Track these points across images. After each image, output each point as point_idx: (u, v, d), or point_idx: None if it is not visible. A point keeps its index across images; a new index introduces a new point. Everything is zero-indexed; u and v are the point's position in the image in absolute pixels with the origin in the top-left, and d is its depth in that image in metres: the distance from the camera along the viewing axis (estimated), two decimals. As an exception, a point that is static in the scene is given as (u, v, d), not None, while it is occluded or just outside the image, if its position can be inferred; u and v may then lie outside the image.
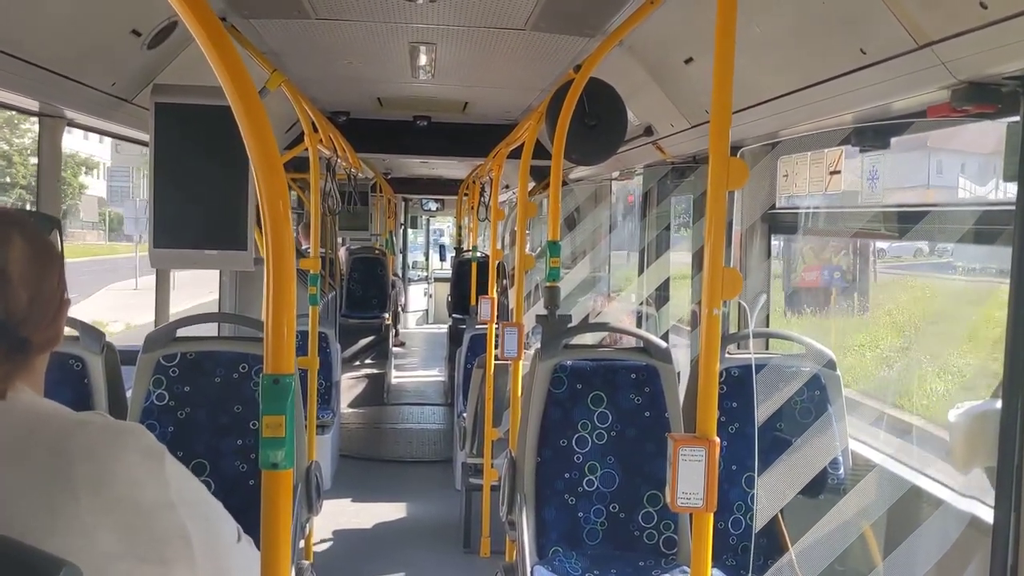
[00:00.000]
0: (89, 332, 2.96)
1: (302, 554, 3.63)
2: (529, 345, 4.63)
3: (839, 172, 3.36)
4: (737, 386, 3.13)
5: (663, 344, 3.18)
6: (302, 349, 4.12)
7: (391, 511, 5.36)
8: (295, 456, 1.36)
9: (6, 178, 28.38)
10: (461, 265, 9.42)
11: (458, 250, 11.25)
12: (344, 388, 7.19)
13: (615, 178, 6.52)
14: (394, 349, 9.90)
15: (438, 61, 4.30)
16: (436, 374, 9.76)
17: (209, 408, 3.00)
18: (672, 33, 3.26)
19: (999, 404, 2.02)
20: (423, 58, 4.23)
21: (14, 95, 2.79)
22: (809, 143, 3.38)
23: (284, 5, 3.30)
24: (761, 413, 2.97)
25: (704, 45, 3.07)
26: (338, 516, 5.15)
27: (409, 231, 17.44)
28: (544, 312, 3.32)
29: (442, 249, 16.62)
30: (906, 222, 3.02)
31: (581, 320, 5.31)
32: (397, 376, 9.41)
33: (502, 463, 3.33)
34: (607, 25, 3.39)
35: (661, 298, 5.24)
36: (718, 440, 1.61)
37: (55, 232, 1.18)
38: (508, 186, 9.36)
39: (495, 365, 4.51)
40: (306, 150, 4.18)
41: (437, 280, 14.71)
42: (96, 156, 32.94)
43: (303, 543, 3.67)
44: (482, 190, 7.66)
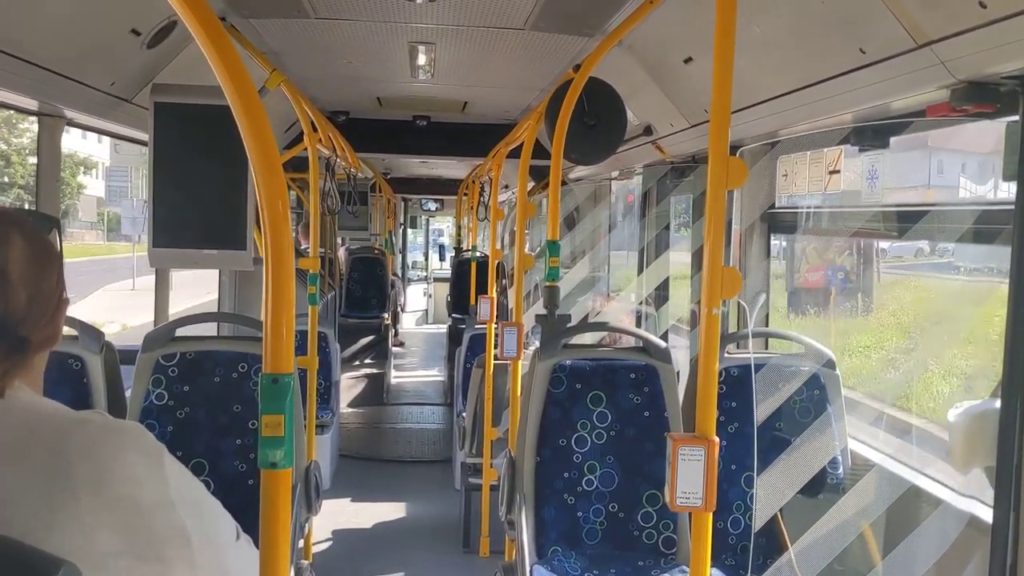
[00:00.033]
0: (88, 331, 2.96)
1: (301, 554, 3.63)
2: (528, 344, 4.64)
3: (838, 171, 3.36)
4: (736, 386, 3.13)
5: (662, 344, 3.18)
6: (301, 349, 4.12)
7: (390, 511, 5.36)
8: (294, 456, 1.36)
9: (4, 178, 28.36)
10: (460, 265, 9.43)
11: (457, 250, 11.25)
12: (343, 388, 7.19)
13: (614, 178, 6.52)
14: (393, 349, 9.90)
15: (437, 61, 4.30)
16: (435, 374, 9.76)
17: (208, 408, 3.00)
18: (671, 33, 3.26)
19: (998, 404, 2.02)
20: (422, 58, 4.23)
21: (14, 95, 2.79)
22: (808, 143, 3.38)
23: (283, 5, 3.30)
24: (760, 413, 2.97)
25: (703, 45, 3.07)
26: (337, 516, 5.15)
27: (409, 231, 17.45)
28: (543, 312, 3.32)
29: (441, 249, 16.61)
30: (906, 222, 3.02)
31: (580, 320, 5.31)
32: (396, 376, 9.41)
33: (501, 463, 3.33)
34: (606, 25, 3.39)
35: (660, 298, 5.24)
36: (717, 440, 1.61)
37: (54, 232, 1.18)
38: (508, 186, 9.35)
39: (494, 365, 4.51)
40: (305, 150, 4.18)
41: (436, 280, 14.70)
42: (95, 156, 32.92)
43: (302, 543, 3.67)
44: (481, 190, 7.66)
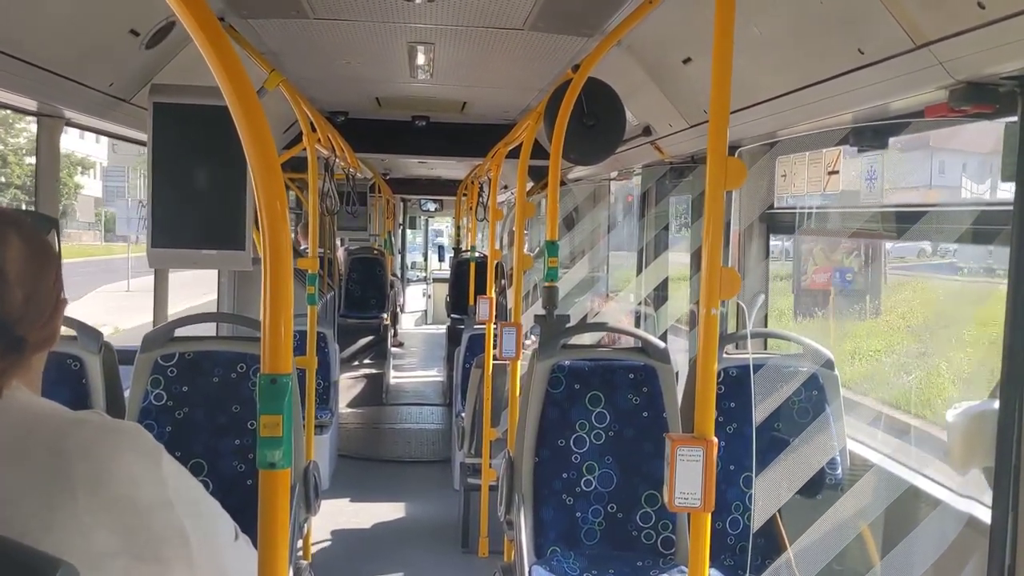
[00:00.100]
0: (87, 332, 2.96)
1: (300, 554, 3.63)
2: (528, 338, 4.64)
3: (837, 172, 3.35)
4: (735, 386, 3.13)
5: (661, 344, 3.18)
6: (300, 349, 4.12)
7: (389, 511, 5.36)
8: (293, 456, 1.36)
9: (1, 178, 28.32)
10: (460, 265, 9.43)
11: (457, 250, 11.26)
12: (342, 388, 7.19)
13: (614, 178, 6.52)
14: (392, 349, 9.90)
15: (436, 61, 4.30)
16: (435, 374, 9.76)
17: (207, 408, 3.00)
18: (670, 33, 3.26)
19: (997, 404, 2.02)
20: (421, 58, 4.23)
21: (13, 95, 2.78)
22: (807, 143, 3.38)
23: (282, 5, 3.30)
24: (759, 413, 2.97)
25: (702, 45, 3.07)
26: (336, 516, 5.15)
27: (408, 231, 17.44)
28: (542, 312, 3.32)
29: (440, 249, 16.60)
30: (905, 222, 3.02)
31: (579, 320, 5.31)
32: (396, 376, 9.41)
33: (500, 463, 3.33)
34: (605, 25, 3.39)
35: (659, 298, 5.24)
36: (716, 440, 1.61)
37: (53, 232, 1.18)
38: (507, 186, 9.35)
39: (493, 365, 4.51)
40: (304, 150, 4.18)
41: (435, 280, 14.70)
42: (92, 156, 32.87)
43: (301, 543, 3.67)
44: (480, 190, 7.67)
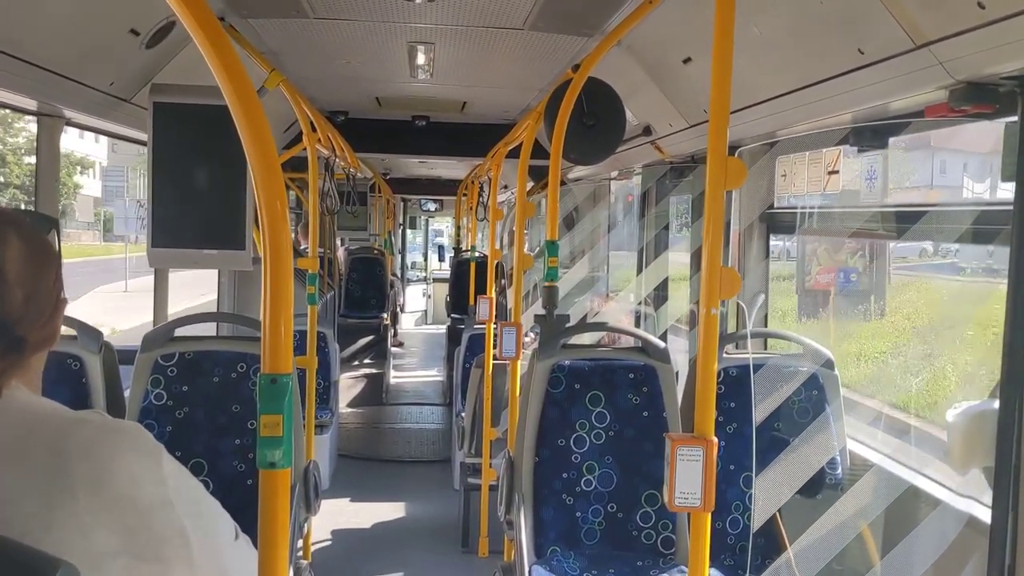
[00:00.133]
0: (87, 331, 2.96)
1: (301, 553, 3.63)
2: (527, 338, 4.64)
3: (837, 172, 3.35)
4: (735, 386, 3.13)
5: (661, 344, 3.18)
6: (300, 349, 4.12)
7: (389, 511, 5.36)
8: (293, 456, 1.36)
9: (0, 178, 28.29)
10: (460, 265, 9.43)
11: (457, 250, 11.26)
12: (343, 388, 7.19)
13: (614, 178, 6.52)
14: (393, 349, 9.90)
15: (436, 61, 4.30)
16: (435, 374, 9.76)
17: (207, 408, 3.00)
18: (671, 33, 3.26)
19: (997, 404, 2.02)
20: (421, 58, 4.23)
21: (13, 95, 2.78)
22: (807, 143, 3.38)
23: (282, 5, 3.30)
24: (759, 413, 2.97)
25: (702, 45, 3.08)
26: (336, 516, 5.15)
27: (408, 231, 17.43)
28: (542, 312, 3.32)
29: (440, 250, 16.60)
30: (905, 222, 3.02)
31: (579, 320, 5.31)
32: (396, 376, 9.41)
33: (500, 463, 3.33)
34: (605, 25, 3.39)
35: (659, 298, 5.24)
36: (716, 440, 1.61)
37: (53, 232, 1.18)
38: (507, 186, 9.35)
39: (493, 365, 4.51)
40: (304, 150, 4.18)
41: (436, 280, 14.70)
42: (91, 155, 32.82)
43: (301, 542, 3.67)
44: (481, 190, 7.66)
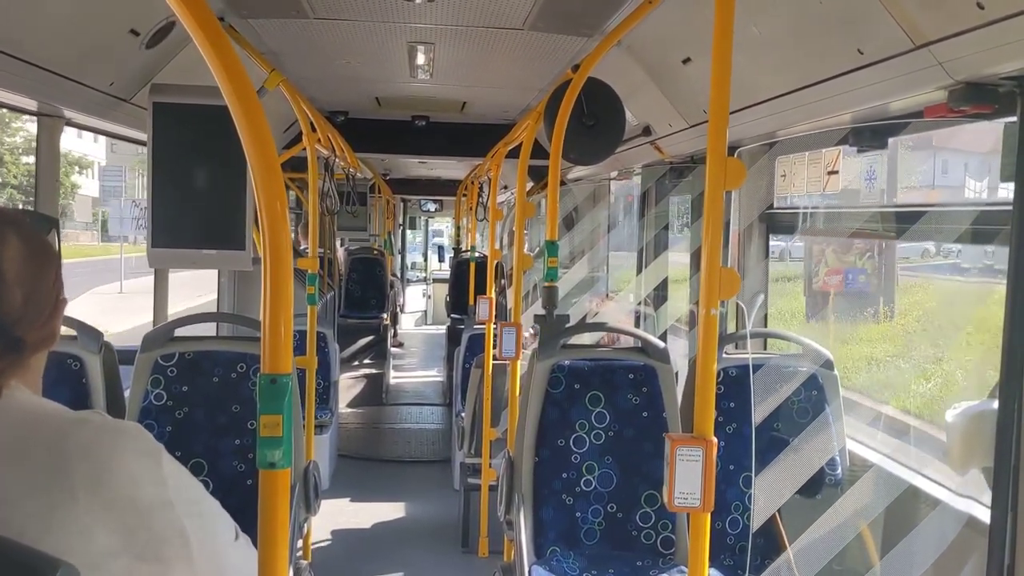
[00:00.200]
0: (87, 332, 2.96)
1: (300, 553, 3.63)
2: (527, 334, 4.64)
3: (837, 172, 3.36)
4: (735, 386, 3.13)
5: (661, 344, 3.18)
6: (300, 349, 4.12)
7: (389, 511, 5.36)
8: (293, 456, 1.36)
9: (-2, 177, 28.23)
10: (460, 265, 9.43)
11: (456, 250, 11.26)
12: (342, 388, 7.19)
13: (613, 178, 6.52)
14: (392, 349, 9.90)
15: (436, 61, 4.30)
16: (435, 374, 9.76)
17: (207, 408, 3.00)
18: (670, 33, 3.26)
19: (996, 404, 2.02)
20: (421, 58, 4.23)
21: (13, 95, 2.79)
22: (807, 143, 3.38)
23: (282, 5, 3.30)
24: (759, 413, 2.97)
25: (702, 45, 3.08)
26: (336, 516, 5.15)
27: (408, 232, 17.44)
28: (542, 312, 3.32)
29: (440, 250, 16.60)
30: (905, 222, 3.02)
31: (579, 320, 5.31)
32: (396, 376, 9.41)
33: (500, 463, 3.33)
34: (605, 25, 3.39)
35: (659, 298, 5.24)
36: (715, 440, 1.61)
37: (53, 232, 1.18)
38: (507, 186, 9.36)
39: (493, 365, 4.51)
40: (304, 150, 4.18)
41: (435, 281, 14.70)
42: (90, 155, 32.75)
43: (301, 542, 3.67)
44: (480, 190, 7.67)
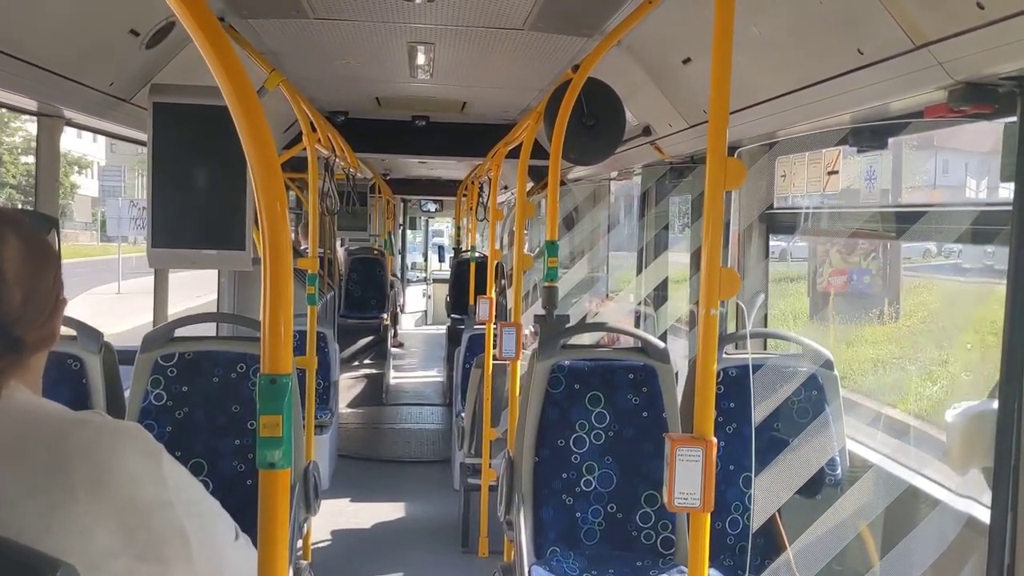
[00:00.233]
0: (87, 332, 2.96)
1: (300, 554, 3.63)
2: (527, 331, 4.64)
3: (837, 172, 3.36)
4: (735, 386, 3.13)
5: (661, 344, 3.18)
6: (300, 349, 4.12)
7: (389, 511, 5.36)
8: (293, 456, 1.36)
9: (-3, 177, 28.15)
10: (460, 265, 9.43)
11: (457, 250, 11.27)
12: (343, 388, 7.19)
13: (613, 178, 6.52)
14: (393, 349, 9.90)
15: (436, 61, 4.30)
16: (435, 374, 9.76)
17: (207, 408, 3.00)
18: (670, 33, 3.26)
19: (995, 404, 2.02)
20: (421, 58, 4.23)
21: (13, 95, 2.79)
22: (807, 143, 3.38)
23: (282, 5, 3.30)
24: (758, 413, 2.97)
25: (702, 45, 3.08)
26: (336, 516, 5.15)
27: (408, 232, 17.44)
28: (542, 312, 3.32)
29: (440, 250, 16.60)
30: (904, 222, 3.02)
31: (579, 320, 5.31)
32: (396, 376, 9.41)
33: (500, 463, 3.33)
34: (605, 25, 3.39)
35: (659, 298, 5.24)
36: (715, 440, 1.61)
37: (53, 232, 1.18)
38: (507, 186, 9.36)
39: (493, 365, 4.51)
40: (304, 150, 4.18)
41: (436, 281, 14.70)
42: (89, 155, 32.68)
43: (301, 543, 3.67)
44: (481, 190, 7.67)
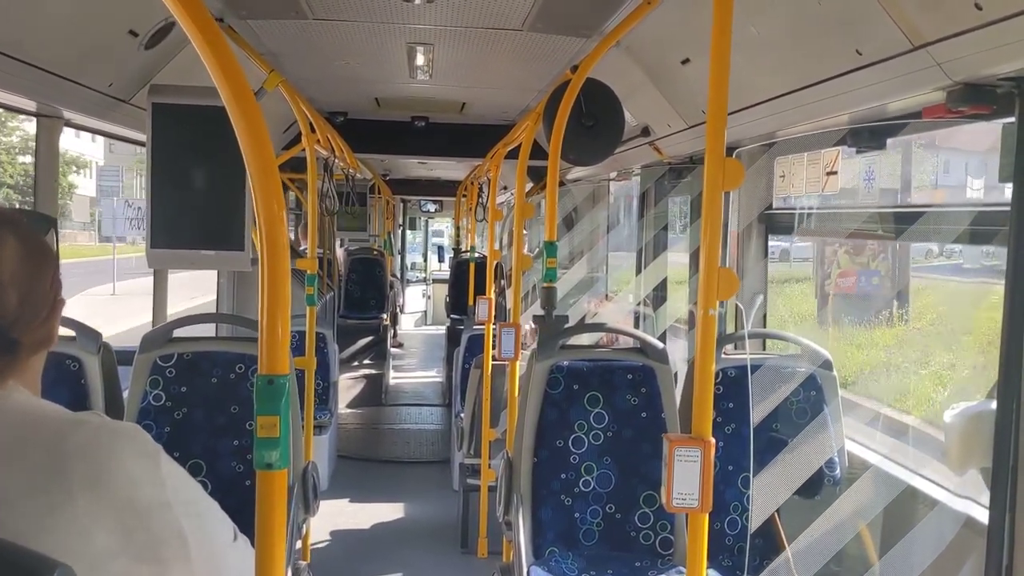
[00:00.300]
0: (86, 332, 2.96)
1: (299, 554, 3.63)
2: (527, 328, 4.64)
3: (836, 172, 3.36)
4: (733, 386, 3.13)
5: (660, 344, 3.19)
6: (299, 350, 4.12)
7: (389, 511, 5.36)
8: (292, 456, 1.36)
9: (-5, 177, 28.09)
10: (459, 265, 9.44)
11: (456, 251, 11.27)
12: (342, 389, 7.19)
13: (613, 178, 6.52)
14: (392, 350, 9.90)
15: (435, 62, 4.30)
16: (434, 375, 9.76)
17: (206, 408, 3.00)
18: (669, 34, 3.26)
19: (994, 405, 2.02)
20: (420, 58, 4.23)
21: (12, 95, 2.79)
22: (805, 144, 3.38)
23: (281, 5, 3.30)
24: (757, 413, 2.97)
25: (701, 46, 3.07)
26: (336, 516, 5.15)
27: (407, 232, 17.44)
28: (541, 312, 3.32)
29: (440, 250, 16.60)
30: (903, 223, 3.03)
31: (578, 321, 5.31)
32: (395, 377, 9.41)
33: (499, 464, 3.33)
34: (604, 26, 3.39)
35: (658, 299, 5.24)
36: (714, 440, 1.61)
37: (51, 232, 1.18)
38: (506, 187, 9.36)
39: (492, 365, 4.51)
40: (303, 150, 4.18)
41: (435, 281, 14.70)
42: (87, 155, 32.62)
43: (300, 543, 3.67)
44: (480, 191, 7.67)
